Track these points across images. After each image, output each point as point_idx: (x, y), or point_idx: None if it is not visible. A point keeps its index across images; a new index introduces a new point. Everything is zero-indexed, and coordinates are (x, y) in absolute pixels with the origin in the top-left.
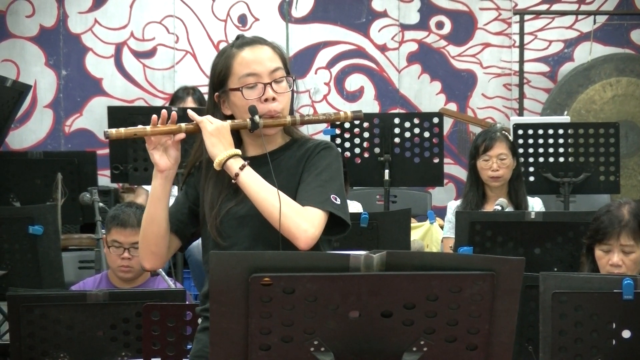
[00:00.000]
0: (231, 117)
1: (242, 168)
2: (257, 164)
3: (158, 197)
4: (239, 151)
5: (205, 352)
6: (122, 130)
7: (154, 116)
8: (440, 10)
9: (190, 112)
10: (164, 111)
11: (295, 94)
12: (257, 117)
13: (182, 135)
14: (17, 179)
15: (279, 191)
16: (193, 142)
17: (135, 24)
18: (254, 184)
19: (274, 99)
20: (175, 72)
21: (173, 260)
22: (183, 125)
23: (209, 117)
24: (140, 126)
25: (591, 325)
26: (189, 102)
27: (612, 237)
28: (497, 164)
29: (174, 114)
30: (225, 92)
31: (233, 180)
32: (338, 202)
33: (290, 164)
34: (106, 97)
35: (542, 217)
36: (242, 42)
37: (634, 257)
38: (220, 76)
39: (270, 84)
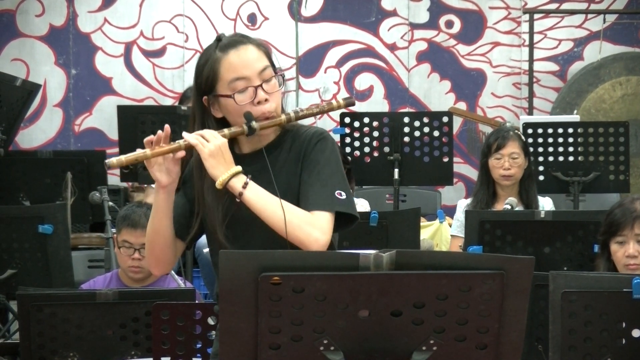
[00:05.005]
0: (223, 120)
1: (245, 186)
2: (251, 161)
3: (162, 210)
4: (239, 168)
5: None
6: (122, 158)
7: (149, 138)
8: (449, 9)
9: (185, 135)
10: (159, 132)
11: (285, 87)
12: (253, 123)
13: (182, 154)
14: (27, 178)
15: (285, 202)
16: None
17: (144, 23)
18: (259, 200)
19: (266, 100)
20: (185, 72)
21: (183, 259)
22: (182, 143)
23: (204, 133)
24: (139, 150)
25: (601, 325)
26: None
27: (626, 228)
28: (509, 163)
29: (167, 130)
30: (215, 97)
31: (237, 199)
32: (343, 196)
33: (287, 160)
34: (116, 96)
35: (552, 216)
36: (225, 44)
37: None
38: (207, 82)
39: (260, 85)
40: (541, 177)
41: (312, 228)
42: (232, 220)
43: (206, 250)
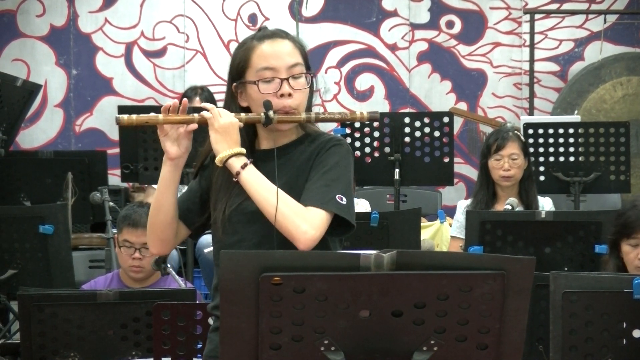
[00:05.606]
0: (247, 109)
1: (243, 167)
2: (267, 158)
3: (167, 184)
4: (242, 150)
5: (217, 352)
6: (133, 116)
7: (166, 104)
8: (450, 9)
9: (204, 104)
10: (175, 101)
11: (314, 91)
12: (271, 113)
13: (194, 126)
14: (28, 178)
15: (280, 191)
16: (202, 141)
17: (145, 24)
18: (255, 183)
19: (290, 94)
20: (186, 72)
21: (184, 259)
22: (196, 115)
23: (221, 110)
24: (152, 114)
25: (601, 325)
26: (197, 102)
27: None
28: (508, 164)
29: (184, 102)
30: (242, 84)
31: (234, 179)
32: (344, 202)
33: (301, 160)
34: (116, 96)
35: (553, 217)
36: (263, 35)
37: None
38: (238, 67)
39: (287, 79)
40: (542, 178)
41: (302, 221)
42: (234, 212)
43: (207, 250)
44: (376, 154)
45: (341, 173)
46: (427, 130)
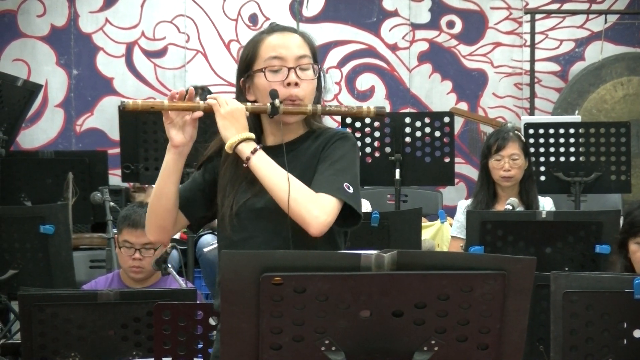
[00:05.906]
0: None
1: (254, 152)
2: (275, 154)
3: (169, 171)
4: (252, 135)
5: None
6: (139, 101)
7: (172, 92)
8: (451, 9)
9: (209, 95)
10: (182, 89)
11: (322, 87)
12: (277, 101)
13: (199, 114)
14: (28, 178)
15: (291, 176)
16: (205, 141)
17: (146, 24)
18: (265, 168)
19: (296, 84)
20: (186, 72)
21: (184, 259)
22: (201, 103)
23: (226, 97)
24: (158, 100)
25: (602, 325)
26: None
27: None
28: (509, 164)
29: (191, 90)
30: (250, 77)
31: (245, 164)
32: (351, 191)
33: (307, 156)
34: (117, 96)
35: (553, 217)
36: (272, 29)
37: None
38: (246, 60)
39: (294, 69)
40: (542, 178)
41: (314, 206)
42: (242, 208)
43: (207, 249)
44: (377, 154)
45: (347, 165)
46: (427, 130)
